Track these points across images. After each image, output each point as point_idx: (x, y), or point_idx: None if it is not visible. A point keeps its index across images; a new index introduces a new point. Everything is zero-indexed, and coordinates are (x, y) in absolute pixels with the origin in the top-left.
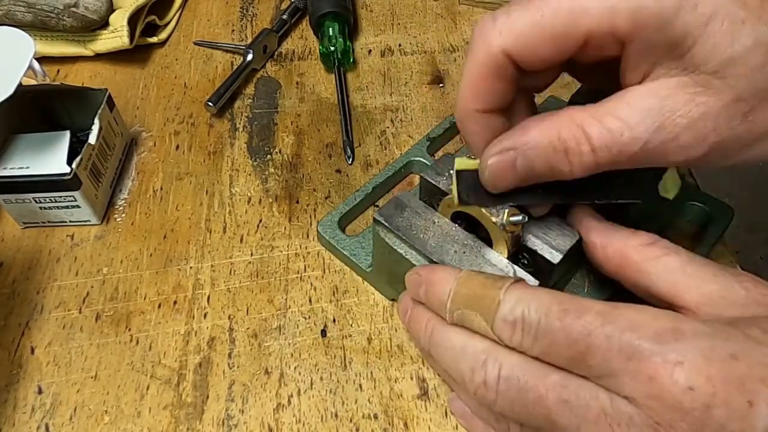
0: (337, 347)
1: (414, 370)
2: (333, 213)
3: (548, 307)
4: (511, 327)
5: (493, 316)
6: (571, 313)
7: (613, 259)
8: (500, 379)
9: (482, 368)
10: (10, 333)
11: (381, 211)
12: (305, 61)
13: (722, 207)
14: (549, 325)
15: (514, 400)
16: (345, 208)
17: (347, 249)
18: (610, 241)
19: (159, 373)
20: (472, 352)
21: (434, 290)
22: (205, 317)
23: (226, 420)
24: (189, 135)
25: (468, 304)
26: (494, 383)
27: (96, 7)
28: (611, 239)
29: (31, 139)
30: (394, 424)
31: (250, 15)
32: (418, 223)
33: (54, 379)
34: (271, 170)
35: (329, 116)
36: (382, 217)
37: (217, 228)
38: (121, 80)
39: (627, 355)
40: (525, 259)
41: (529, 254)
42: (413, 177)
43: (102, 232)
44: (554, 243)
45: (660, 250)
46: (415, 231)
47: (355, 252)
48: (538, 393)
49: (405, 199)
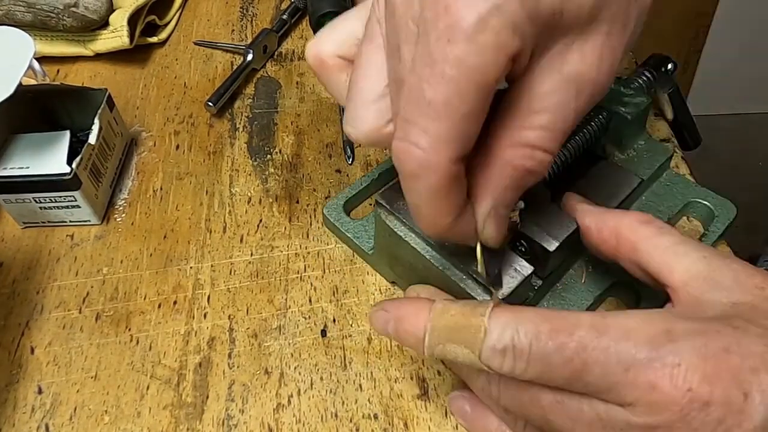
0: (337, 347)
1: (414, 370)
2: (339, 196)
3: (537, 329)
4: (501, 355)
5: (480, 346)
6: (563, 332)
7: (609, 240)
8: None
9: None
10: (10, 333)
11: (383, 194)
12: (305, 61)
13: (725, 204)
14: (542, 348)
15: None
16: (351, 192)
17: (351, 232)
18: (605, 222)
19: (159, 373)
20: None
21: (405, 327)
22: (205, 317)
23: (226, 420)
24: (189, 135)
25: (449, 338)
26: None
27: (96, 7)
28: (605, 221)
29: (31, 139)
30: (394, 424)
31: (250, 15)
32: None
33: (54, 379)
34: (271, 170)
35: (329, 116)
36: (384, 199)
37: (217, 228)
38: (121, 80)
39: (625, 365)
40: (522, 246)
41: (527, 242)
42: None
43: (102, 232)
44: (552, 231)
45: (654, 229)
46: None
47: (358, 235)
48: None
49: None
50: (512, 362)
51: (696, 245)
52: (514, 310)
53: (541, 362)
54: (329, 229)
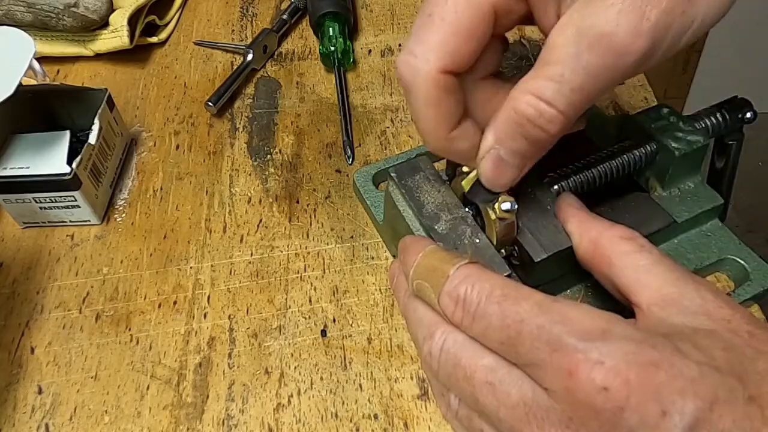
0: (337, 347)
1: (414, 370)
2: (372, 165)
3: (490, 291)
4: (454, 303)
5: (440, 290)
6: (510, 299)
7: (588, 249)
8: (441, 352)
9: (430, 339)
10: (10, 333)
11: (396, 168)
12: (305, 61)
13: (764, 269)
14: (486, 308)
15: (450, 374)
16: (384, 165)
17: (371, 199)
18: (588, 230)
19: (159, 373)
20: (427, 323)
21: (406, 259)
22: (205, 317)
23: (226, 420)
24: (189, 135)
25: (424, 276)
26: (437, 355)
27: (96, 7)
28: (589, 229)
29: (31, 139)
30: (394, 424)
31: (250, 15)
32: (425, 187)
33: (54, 379)
34: (271, 170)
35: (329, 116)
36: (396, 173)
37: (217, 228)
38: (121, 80)
39: (553, 347)
40: (514, 251)
41: (518, 247)
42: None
43: (102, 232)
44: (544, 242)
45: (633, 246)
46: (419, 194)
47: (376, 204)
48: (468, 371)
49: (422, 164)
50: (461, 314)
51: (672, 266)
52: (482, 272)
53: (484, 321)
54: (355, 194)
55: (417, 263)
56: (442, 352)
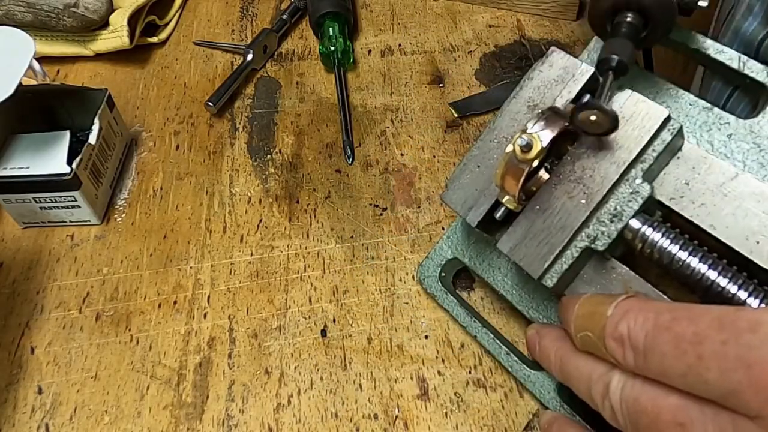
0: (337, 347)
1: (414, 370)
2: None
3: (656, 318)
4: (620, 344)
5: (602, 334)
6: (682, 321)
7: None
8: (621, 403)
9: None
10: (10, 333)
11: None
12: (305, 61)
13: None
14: (656, 338)
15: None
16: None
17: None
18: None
19: (159, 373)
20: (596, 378)
21: (565, 317)
22: (205, 317)
23: (226, 420)
24: (189, 135)
25: (585, 326)
26: (618, 408)
27: (96, 7)
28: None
29: (31, 139)
30: (394, 424)
31: (250, 15)
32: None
33: (54, 379)
34: (271, 170)
35: (329, 116)
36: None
37: (217, 228)
38: (121, 80)
39: (745, 361)
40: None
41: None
42: None
43: (102, 232)
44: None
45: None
46: None
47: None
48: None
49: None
50: (631, 353)
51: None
52: (641, 301)
53: (656, 354)
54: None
55: (575, 315)
56: (622, 403)
